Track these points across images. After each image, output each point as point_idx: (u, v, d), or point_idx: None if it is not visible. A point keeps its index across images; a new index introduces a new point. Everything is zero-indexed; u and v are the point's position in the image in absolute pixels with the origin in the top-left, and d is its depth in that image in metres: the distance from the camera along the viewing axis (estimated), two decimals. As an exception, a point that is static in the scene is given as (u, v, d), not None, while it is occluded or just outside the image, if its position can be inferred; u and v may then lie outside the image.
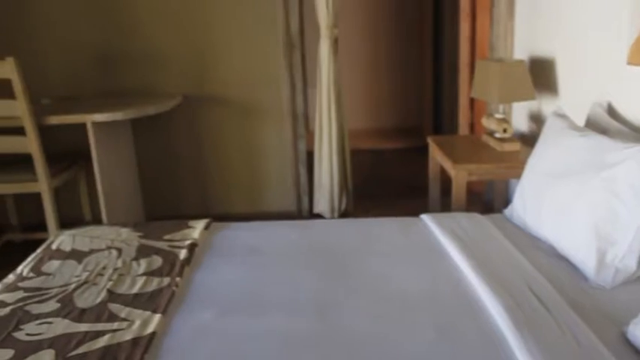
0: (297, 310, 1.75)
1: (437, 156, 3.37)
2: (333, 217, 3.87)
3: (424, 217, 2.48)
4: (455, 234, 2.20)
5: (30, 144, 3.15)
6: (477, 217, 2.40)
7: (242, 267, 2.06)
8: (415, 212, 2.64)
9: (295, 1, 3.70)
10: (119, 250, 2.21)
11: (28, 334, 1.67)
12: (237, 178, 3.97)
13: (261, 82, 3.79)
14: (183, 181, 3.99)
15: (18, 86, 3.03)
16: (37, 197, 3.60)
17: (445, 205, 3.51)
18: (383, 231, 2.39)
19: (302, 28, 3.90)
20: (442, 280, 1.92)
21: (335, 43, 3.71)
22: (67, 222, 3.47)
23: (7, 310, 1.81)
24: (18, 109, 3.07)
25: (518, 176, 2.47)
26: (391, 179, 4.92)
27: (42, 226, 3.59)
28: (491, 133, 3.26)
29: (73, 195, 3.86)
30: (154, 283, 1.93)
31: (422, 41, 6.05)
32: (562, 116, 2.41)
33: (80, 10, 3.74)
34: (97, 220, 3.75)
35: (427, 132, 5.77)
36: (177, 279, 1.94)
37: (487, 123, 3.30)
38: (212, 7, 3.70)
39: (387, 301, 1.79)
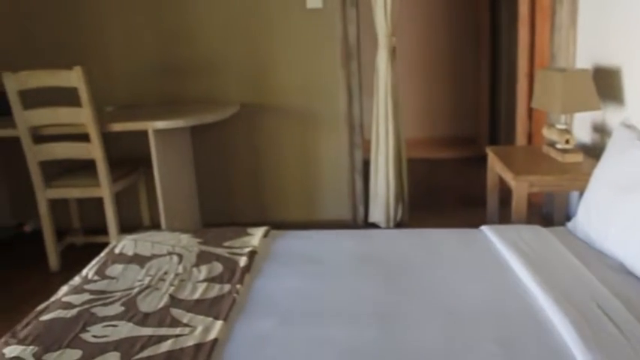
0: (358, 321, 1.74)
1: (496, 167, 3.31)
2: (388, 227, 3.85)
3: (484, 228, 2.43)
4: (517, 246, 2.16)
5: (94, 150, 3.24)
6: (539, 230, 2.35)
7: (302, 276, 2.06)
8: (472, 223, 2.59)
9: (353, 10, 3.70)
10: (180, 256, 2.25)
11: (94, 336, 1.70)
12: (293, 186, 3.98)
13: (318, 90, 3.80)
14: (240, 188, 4.03)
15: (84, 94, 3.12)
16: (98, 202, 3.70)
17: (503, 216, 3.45)
18: (442, 242, 2.36)
19: (358, 38, 3.90)
20: (505, 293, 1.88)
21: (393, 52, 3.69)
22: (126, 226, 3.55)
23: (75, 311, 1.86)
24: (83, 116, 3.17)
25: (581, 188, 2.41)
26: (446, 189, 4.86)
27: (103, 230, 3.69)
28: (552, 144, 3.19)
29: (132, 200, 3.95)
30: (215, 290, 1.95)
31: (478, 49, 5.97)
32: (630, 127, 2.34)
33: (145, 22, 3.84)
34: (155, 226, 3.83)
35: (483, 142, 5.68)
36: (238, 286, 1.95)
37: (548, 133, 3.23)
38: (271, 16, 3.74)
39: (449, 313, 1.76)
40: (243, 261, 2.15)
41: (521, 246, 2.16)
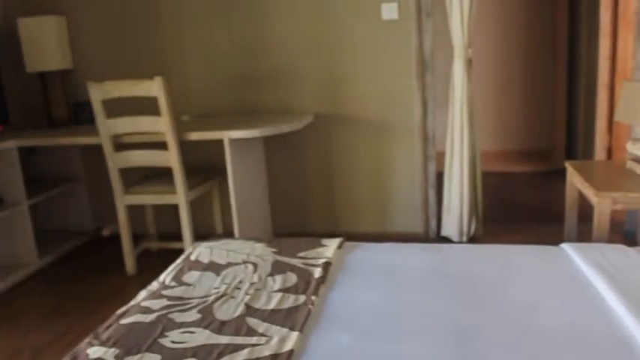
0: (436, 337, 1.70)
1: (575, 182, 3.20)
2: (461, 241, 3.77)
3: (565, 246, 2.35)
4: (601, 266, 2.07)
5: (171, 158, 3.32)
6: (625, 250, 2.24)
7: (377, 289, 2.03)
8: (548, 240, 2.51)
9: (429, 21, 3.66)
10: (255, 265, 2.26)
11: (172, 342, 1.73)
12: (365, 198, 3.96)
13: (392, 102, 3.78)
14: (311, 198, 4.05)
15: (163, 104, 3.20)
16: (173, 208, 3.79)
17: (581, 234, 3.33)
18: (520, 259, 2.29)
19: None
20: (589, 315, 1.80)
21: (469, 63, 3.63)
22: (199, 233, 3.62)
23: (153, 316, 1.90)
24: (162, 125, 3.25)
25: (671, 207, 2.30)
26: (520, 204, 4.73)
27: (177, 236, 3.77)
28: (637, 160, 3.05)
29: (206, 208, 4.02)
30: (290, 300, 1.95)
31: (555, 61, 5.81)
32: None
33: (222, 34, 3.93)
34: (228, 234, 3.88)
35: (558, 155, 5.51)
36: (313, 297, 1.95)
37: (633, 148, 3.10)
38: (347, 28, 3.75)
39: (529, 334, 1.70)
40: (317, 272, 2.14)
41: (606, 266, 2.07)
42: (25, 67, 4.00)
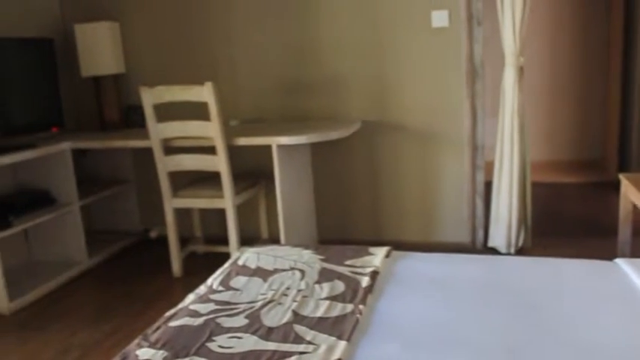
0: (485, 351, 1.66)
1: (630, 195, 3.11)
2: (509, 253, 3.71)
3: (620, 261, 2.28)
4: (660, 284, 2.00)
5: (220, 163, 3.35)
6: (684, 267, 2.17)
7: (425, 300, 2.00)
8: (599, 254, 2.44)
9: (480, 29, 3.62)
10: (302, 272, 2.26)
11: (220, 347, 1.73)
12: (412, 206, 3.93)
13: (441, 110, 3.74)
14: (357, 205, 4.03)
15: (213, 109, 3.24)
16: (219, 212, 3.82)
17: (636, 249, 3.24)
18: (573, 273, 2.22)
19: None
20: (648, 334, 1.74)
21: (520, 71, 3.57)
22: (245, 238, 3.65)
23: (201, 320, 1.91)
24: (212, 129, 3.28)
25: None
26: (570, 216, 4.62)
27: (222, 240, 3.80)
28: (696, 173, 2.95)
29: (252, 212, 4.05)
30: (338, 309, 1.93)
31: (609, 70, 5.68)
32: None
33: (271, 40, 3.96)
34: (273, 239, 3.90)
35: (611, 167, 5.38)
36: (361, 306, 1.93)
37: (692, 162, 3.00)
38: (396, 35, 3.73)
39: (584, 352, 1.65)
40: (365, 281, 2.13)
41: (665, 283, 2.00)
42: (80, 72, 4.10)
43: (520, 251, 3.74)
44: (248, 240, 3.71)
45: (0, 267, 3.32)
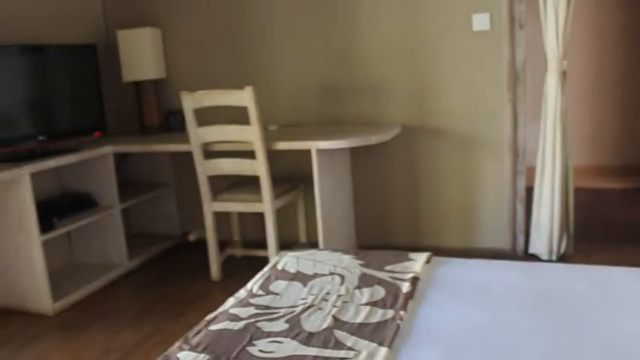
0: (530, 360, 1.63)
1: (678, 201, 3.02)
2: (550, 259, 3.64)
3: (668, 270, 2.21)
4: None
5: (259, 167, 3.37)
6: None
7: (466, 307, 1.97)
8: (646, 261, 2.37)
9: (522, 32, 3.57)
10: (342, 277, 2.25)
11: (260, 351, 1.73)
12: (451, 212, 3.89)
13: (481, 114, 3.69)
14: (396, 210, 4.00)
15: (253, 113, 3.25)
16: (257, 216, 3.84)
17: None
18: (618, 281, 2.17)
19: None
20: (700, 345, 1.68)
21: (563, 75, 3.51)
22: (283, 242, 3.65)
23: (242, 324, 1.91)
24: (251, 134, 3.30)
25: None
26: (614, 222, 4.52)
27: (260, 244, 3.82)
28: None
29: (290, 217, 4.05)
30: (378, 315, 1.92)
31: (655, 73, 5.55)
32: None
33: (312, 45, 3.96)
34: (311, 243, 3.90)
35: (657, 173, 5.25)
36: (402, 312, 1.91)
37: None
38: (436, 39, 3.70)
39: (633, 363, 1.61)
40: (405, 287, 2.11)
41: None
42: (122, 77, 4.17)
43: (562, 258, 3.67)
44: (286, 244, 3.72)
45: (44, 268, 3.39)
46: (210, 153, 3.56)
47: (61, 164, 3.56)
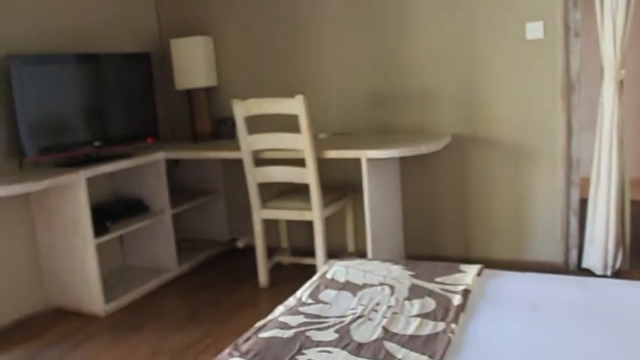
0: (587, 379, 1.59)
1: None
2: (604, 274, 3.53)
3: None
4: None
5: (309, 175, 3.38)
6: None
7: (519, 322, 1.93)
8: None
9: (578, 41, 3.49)
10: (392, 288, 2.23)
11: (310, 360, 1.74)
12: (502, 224, 3.82)
13: (534, 124, 3.62)
14: (445, 221, 3.96)
15: (304, 121, 3.27)
16: (306, 224, 3.85)
17: None
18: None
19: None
20: None
21: (620, 85, 3.42)
22: (331, 250, 3.65)
23: (291, 332, 1.92)
24: (302, 142, 3.31)
25: None
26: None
27: (308, 252, 3.83)
28: None
29: (338, 225, 4.05)
30: (429, 327, 1.90)
31: None
32: None
33: (362, 53, 3.96)
34: (359, 252, 3.89)
35: None
36: (453, 325, 1.89)
37: None
38: (487, 47, 3.65)
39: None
40: (457, 299, 2.08)
41: None
42: (174, 85, 4.25)
43: (617, 273, 3.56)
44: (334, 253, 3.72)
45: (97, 271, 3.47)
46: (259, 160, 3.58)
47: (116, 169, 3.65)
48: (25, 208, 3.54)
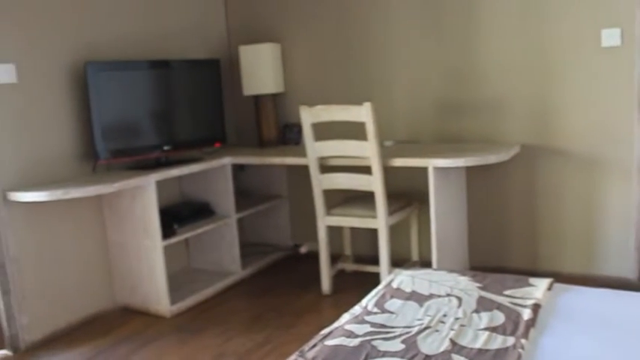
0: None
1: None
2: (682, 292, 3.38)
3: None
4: None
5: (375, 183, 3.36)
6: None
7: (593, 339, 1.86)
8: None
9: (657, 48, 3.36)
10: (459, 299, 2.19)
11: (376, 370, 1.73)
12: (572, 236, 3.70)
13: (608, 135, 3.50)
14: (512, 232, 3.87)
15: (371, 129, 3.26)
16: (369, 231, 3.83)
17: None
18: None
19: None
20: None
21: (702, 95, 3.28)
22: (394, 259, 3.62)
23: (357, 341, 1.90)
24: (368, 150, 3.30)
25: None
26: None
27: (371, 260, 3.82)
28: None
29: (402, 233, 4.01)
30: (498, 341, 1.85)
31: None
32: None
33: (430, 61, 3.92)
34: (423, 261, 3.85)
35: None
36: (523, 341, 1.84)
37: None
38: (561, 55, 3.56)
39: None
40: (526, 314, 2.03)
41: None
42: (242, 91, 4.31)
43: (696, 292, 3.40)
44: (397, 261, 3.68)
45: (164, 272, 3.54)
46: (324, 167, 3.59)
47: (184, 173, 3.73)
48: (97, 209, 3.66)
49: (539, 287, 2.27)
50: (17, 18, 3.22)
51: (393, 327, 2.01)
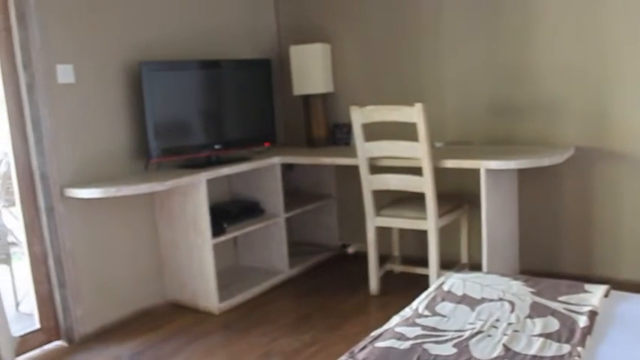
0: None
1: None
2: None
3: None
4: None
5: (425, 184, 3.33)
6: None
7: (653, 349, 1.81)
8: None
9: None
10: (512, 304, 2.15)
11: (428, 374, 1.71)
12: (629, 242, 3.58)
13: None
14: (564, 237, 3.78)
15: (422, 130, 3.23)
16: (418, 233, 3.79)
17: None
18: None
19: None
20: None
21: None
22: (443, 261, 3.57)
23: (408, 344, 1.89)
24: (419, 150, 3.27)
25: None
26: None
27: (419, 261, 3.78)
28: None
29: (452, 236, 3.96)
30: (553, 348, 1.81)
31: None
32: None
33: (482, 62, 3.87)
34: (472, 264, 3.79)
35: None
36: (579, 349, 1.79)
37: None
38: (616, 56, 3.45)
39: None
40: (582, 321, 1.97)
41: None
42: (292, 90, 4.33)
43: None
44: (446, 263, 3.64)
45: (213, 270, 3.58)
46: (373, 168, 3.57)
47: (234, 172, 3.76)
48: (149, 206, 3.73)
49: (595, 294, 2.21)
50: (73, 19, 3.30)
51: (444, 330, 1.99)
